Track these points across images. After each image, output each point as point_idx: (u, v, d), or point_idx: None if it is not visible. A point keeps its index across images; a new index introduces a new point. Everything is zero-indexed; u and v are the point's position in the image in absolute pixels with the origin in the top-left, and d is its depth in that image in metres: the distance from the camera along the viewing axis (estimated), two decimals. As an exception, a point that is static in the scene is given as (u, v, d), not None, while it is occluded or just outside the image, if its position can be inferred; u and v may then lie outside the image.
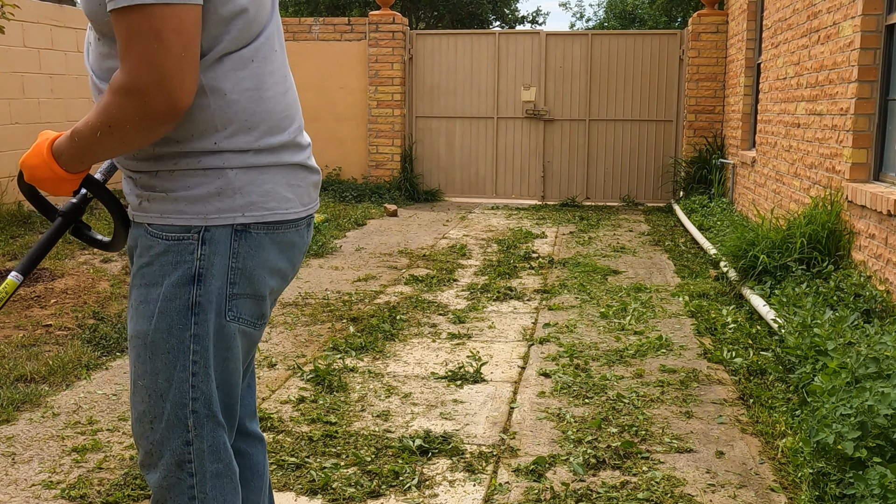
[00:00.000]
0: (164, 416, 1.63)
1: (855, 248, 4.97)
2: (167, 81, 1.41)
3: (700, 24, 10.44)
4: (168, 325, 1.60)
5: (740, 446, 3.22)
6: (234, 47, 1.56)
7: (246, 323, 1.67)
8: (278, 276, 1.71)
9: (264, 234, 1.63)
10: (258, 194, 1.61)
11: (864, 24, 4.95)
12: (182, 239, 1.58)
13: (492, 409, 3.62)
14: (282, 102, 1.64)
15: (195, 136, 1.56)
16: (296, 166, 1.69)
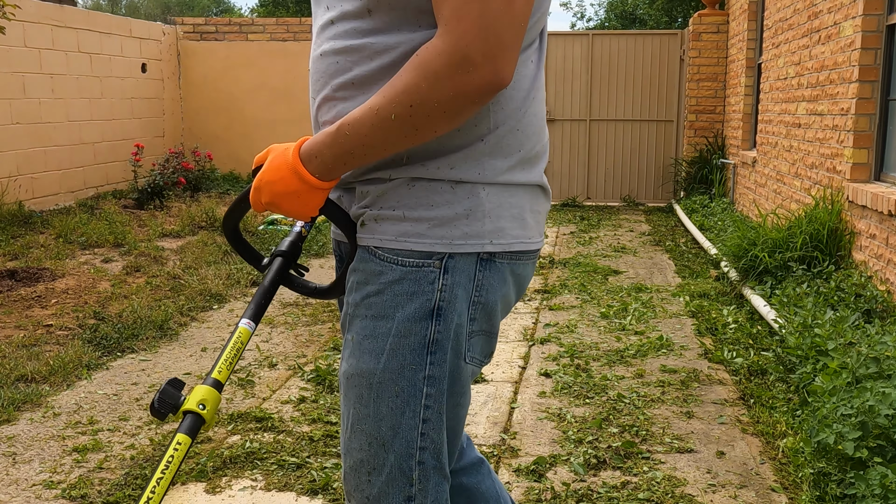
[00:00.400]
0: (385, 467, 1.40)
1: (856, 248, 4.97)
2: (499, 50, 1.18)
3: (701, 24, 10.43)
4: (400, 364, 1.36)
5: (741, 446, 3.22)
6: (526, 41, 1.33)
7: (477, 362, 1.45)
8: (507, 311, 1.48)
9: (507, 264, 1.39)
10: (507, 219, 1.36)
11: (864, 24, 4.95)
12: (421, 266, 1.34)
13: (492, 408, 3.62)
14: (540, 113, 1.40)
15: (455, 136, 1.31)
16: (536, 188, 1.42)
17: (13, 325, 4.71)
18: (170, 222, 8.18)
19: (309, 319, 5.04)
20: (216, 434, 3.30)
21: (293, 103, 11.25)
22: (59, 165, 9.06)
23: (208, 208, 8.25)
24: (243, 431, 3.32)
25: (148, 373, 4.05)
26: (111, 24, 9.95)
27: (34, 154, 8.68)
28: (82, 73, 9.38)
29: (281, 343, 4.57)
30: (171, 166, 9.40)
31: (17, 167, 8.42)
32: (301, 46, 11.13)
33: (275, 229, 7.96)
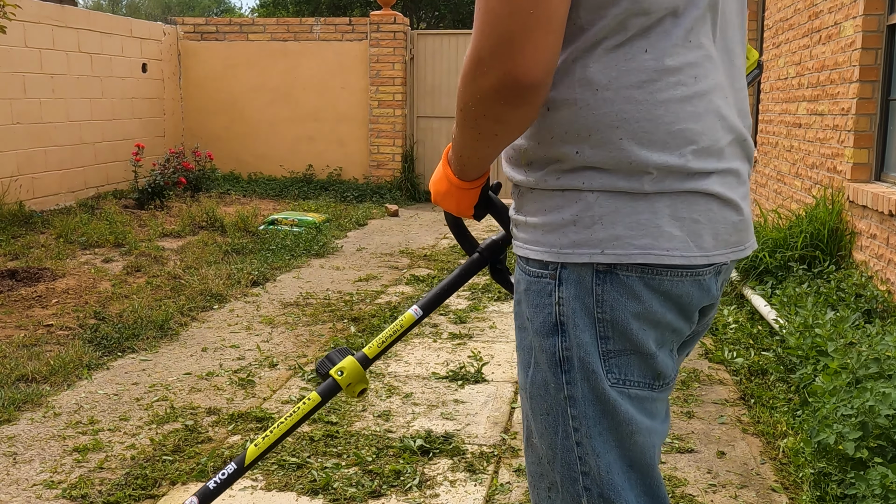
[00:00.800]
0: (558, 486, 1.32)
1: (856, 248, 4.97)
2: (504, 45, 1.11)
3: (701, 24, 10.42)
4: (543, 380, 1.30)
5: (741, 446, 3.22)
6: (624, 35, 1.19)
7: (637, 386, 1.29)
8: (666, 329, 1.29)
9: (637, 277, 1.23)
10: (625, 226, 1.22)
11: (865, 24, 4.95)
12: (541, 276, 1.28)
13: (493, 409, 3.62)
14: (676, 110, 1.21)
15: (556, 140, 1.24)
16: (693, 194, 1.24)
17: (14, 325, 4.72)
18: (170, 222, 8.18)
19: (309, 319, 5.04)
20: (216, 434, 3.31)
21: (293, 103, 11.25)
22: (59, 165, 9.06)
23: (209, 208, 8.25)
24: (244, 431, 3.33)
25: (148, 373, 4.05)
26: (112, 24, 9.96)
27: (35, 154, 8.68)
28: (83, 73, 9.39)
29: (281, 343, 4.57)
30: (171, 166, 9.40)
31: (17, 167, 8.42)
32: (301, 46, 11.13)
33: (275, 229, 7.97)
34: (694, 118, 1.22)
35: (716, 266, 1.28)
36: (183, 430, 3.33)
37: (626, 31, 1.18)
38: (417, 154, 11.31)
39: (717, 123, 1.25)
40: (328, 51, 11.14)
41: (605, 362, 1.26)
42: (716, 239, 1.26)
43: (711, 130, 1.24)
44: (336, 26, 11.17)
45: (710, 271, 1.28)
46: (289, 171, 11.37)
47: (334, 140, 11.29)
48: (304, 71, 11.15)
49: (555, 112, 1.22)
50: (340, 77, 11.17)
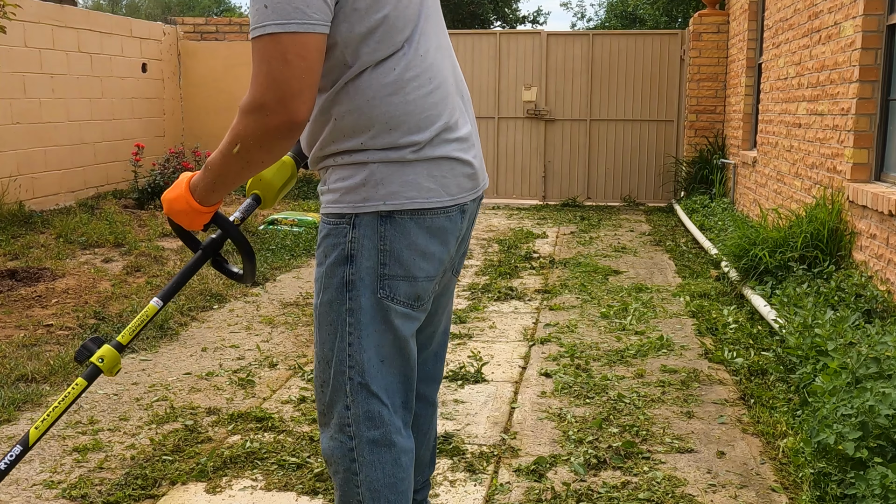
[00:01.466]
0: (330, 381, 1.84)
1: (856, 248, 4.97)
2: (288, 98, 1.58)
3: (701, 24, 10.43)
4: (329, 299, 1.82)
5: (741, 446, 3.22)
6: (377, 58, 1.73)
7: (401, 304, 1.81)
8: (432, 259, 1.83)
9: (409, 219, 1.78)
10: (398, 185, 1.76)
11: (865, 23, 4.95)
12: (339, 224, 1.80)
13: (493, 408, 3.62)
14: (423, 104, 1.78)
15: (346, 138, 1.76)
16: (439, 159, 1.81)
17: (13, 325, 4.72)
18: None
19: (309, 319, 5.04)
20: (216, 434, 3.31)
21: (293, 103, 11.24)
22: (59, 165, 9.06)
23: (208, 208, 8.24)
24: (244, 431, 3.32)
25: (148, 373, 4.05)
26: (111, 24, 9.95)
27: (34, 154, 8.68)
28: (83, 72, 9.38)
29: (281, 343, 4.57)
30: (171, 166, 9.39)
31: (17, 167, 8.42)
32: (301, 46, 11.13)
33: (275, 229, 7.96)
34: (434, 107, 1.80)
35: (460, 205, 1.86)
36: (183, 430, 3.33)
37: (377, 60, 1.73)
38: (417, 154, 11.31)
39: (450, 105, 1.85)
40: (328, 51, 11.13)
41: (381, 282, 1.79)
42: (458, 188, 1.85)
43: (447, 112, 1.83)
44: (336, 26, 11.16)
45: (456, 209, 1.86)
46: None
47: (334, 140, 11.27)
48: (303, 71, 11.14)
49: (341, 120, 1.75)
50: (340, 77, 11.16)
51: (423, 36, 1.81)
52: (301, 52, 1.58)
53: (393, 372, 1.86)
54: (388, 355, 1.84)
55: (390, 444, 1.85)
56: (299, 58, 1.58)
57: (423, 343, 2.08)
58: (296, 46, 1.58)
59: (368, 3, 1.68)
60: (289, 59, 1.57)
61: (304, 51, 1.59)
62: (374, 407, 1.83)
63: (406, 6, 1.76)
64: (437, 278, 1.88)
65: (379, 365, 1.83)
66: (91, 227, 7.48)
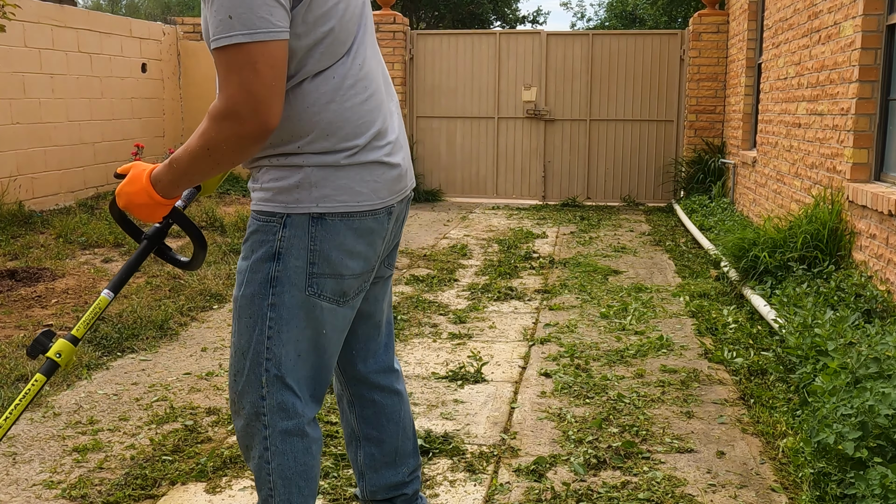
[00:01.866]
0: (244, 371, 1.93)
1: (856, 248, 4.97)
2: (261, 105, 1.66)
3: (701, 24, 10.43)
4: (252, 293, 1.90)
5: (741, 446, 3.22)
6: (319, 68, 1.80)
7: (327, 299, 1.91)
8: (359, 258, 1.92)
9: (339, 221, 1.87)
10: (332, 188, 1.85)
11: (864, 23, 4.95)
12: (269, 222, 1.87)
13: (492, 409, 3.62)
14: (359, 111, 1.87)
15: (283, 142, 1.83)
16: (371, 164, 1.90)
17: (13, 325, 4.72)
18: (170, 222, 8.17)
19: (309, 319, 5.04)
20: (216, 434, 3.31)
21: (293, 103, 11.24)
22: (59, 165, 9.06)
23: (208, 208, 8.25)
24: (243, 431, 3.32)
25: (148, 373, 4.05)
26: (111, 24, 9.95)
27: (34, 154, 8.68)
28: (82, 72, 9.38)
29: (281, 343, 4.57)
30: (171, 166, 9.37)
31: (17, 167, 8.42)
32: (301, 46, 11.13)
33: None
34: (369, 113, 1.89)
35: (387, 207, 1.95)
36: (183, 430, 3.33)
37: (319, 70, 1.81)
38: (417, 154, 11.31)
39: (383, 111, 1.94)
40: (328, 51, 11.13)
41: (308, 280, 1.88)
42: (388, 191, 1.94)
43: (381, 118, 1.93)
44: (336, 26, 11.16)
45: (384, 211, 1.94)
46: (288, 171, 11.36)
47: (334, 140, 11.27)
48: (303, 71, 11.13)
49: (280, 125, 1.80)
50: (340, 77, 11.15)
51: (361, 46, 1.89)
52: (269, 61, 1.66)
53: (307, 366, 1.95)
54: (305, 350, 1.93)
55: (302, 433, 1.96)
56: (268, 66, 1.65)
57: (371, 334, 2.20)
58: (264, 55, 1.65)
59: (317, 16, 1.75)
60: (259, 68, 1.64)
61: (271, 59, 1.66)
62: (287, 398, 1.93)
63: (349, 19, 1.83)
64: (365, 275, 1.98)
65: (295, 359, 1.92)
66: (91, 227, 7.48)
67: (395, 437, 2.25)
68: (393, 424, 2.25)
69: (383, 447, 2.26)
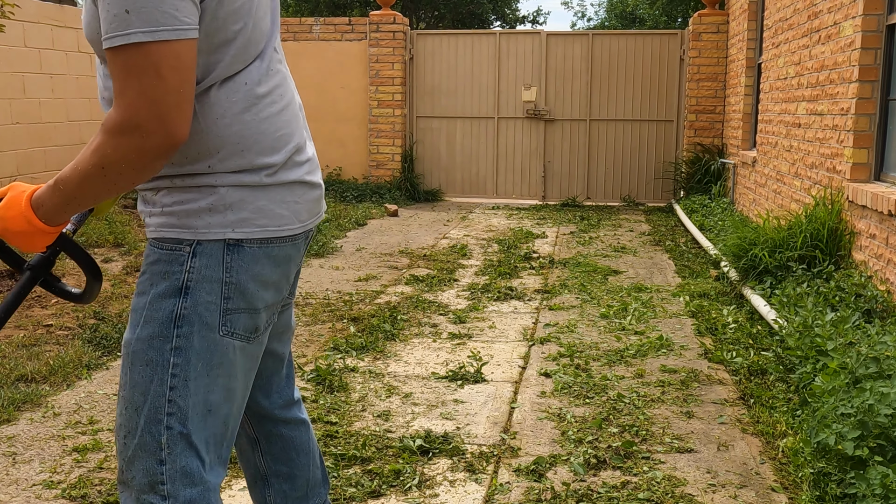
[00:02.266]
0: (137, 430, 1.59)
1: (856, 248, 4.97)
2: (167, 116, 1.42)
3: (701, 24, 10.44)
4: (150, 335, 1.58)
5: (741, 446, 3.22)
6: (229, 73, 1.56)
7: (240, 337, 1.64)
8: (273, 288, 1.69)
9: (258, 248, 1.63)
10: (250, 211, 1.61)
11: (864, 23, 4.95)
12: (174, 250, 1.59)
13: (492, 409, 3.62)
14: (276, 123, 1.64)
15: (189, 160, 1.57)
16: (293, 184, 1.68)
17: (13, 325, 4.72)
18: (170, 222, 8.18)
19: (309, 319, 5.04)
20: (216, 434, 3.31)
21: (293, 103, 11.25)
22: (59, 165, 9.06)
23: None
24: (243, 431, 3.32)
25: (148, 373, 4.05)
26: (111, 24, 9.95)
27: (34, 154, 8.68)
28: (82, 73, 9.38)
29: (281, 343, 4.57)
30: (171, 166, 9.39)
31: (16, 167, 8.42)
32: (300, 46, 11.13)
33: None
34: (287, 125, 1.66)
35: (307, 232, 1.74)
36: (182, 430, 3.33)
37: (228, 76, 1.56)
38: (417, 154, 11.32)
39: (299, 123, 1.72)
40: (328, 51, 11.15)
41: (222, 317, 1.60)
42: (308, 213, 1.72)
43: (298, 130, 1.71)
44: (335, 26, 11.18)
45: (302, 236, 1.73)
46: (288, 171, 11.37)
47: (334, 140, 11.29)
48: (303, 71, 11.14)
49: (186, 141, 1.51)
50: (340, 77, 11.17)
51: (275, 48, 1.68)
52: (175, 64, 1.41)
53: (218, 422, 1.65)
54: (216, 402, 1.63)
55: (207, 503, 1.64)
56: (174, 70, 1.41)
57: (275, 368, 1.95)
58: (169, 57, 1.41)
59: (228, 13, 1.53)
60: (163, 72, 1.40)
61: (178, 62, 1.42)
62: (192, 462, 1.61)
63: (262, 17, 1.62)
64: (276, 305, 1.74)
65: (205, 413, 1.62)
66: (90, 227, 7.48)
67: (306, 469, 2.04)
68: (304, 456, 2.03)
69: (295, 482, 2.03)
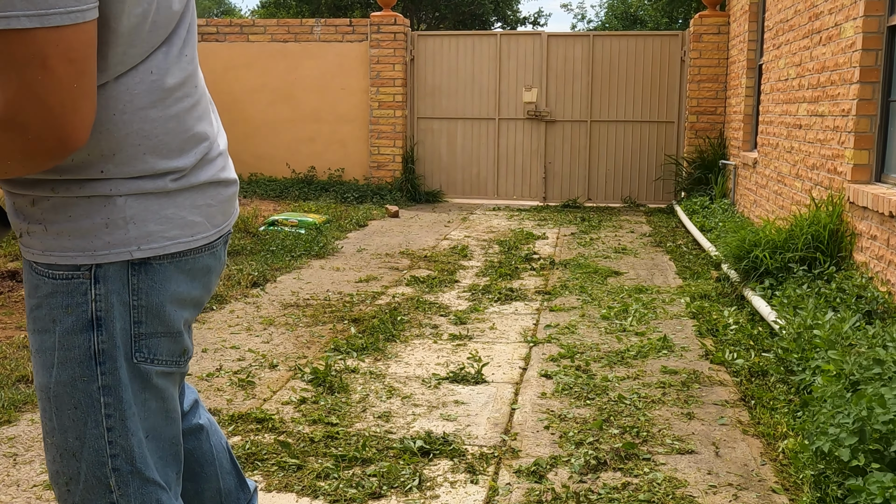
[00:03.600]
0: (80, 477, 1.44)
1: (857, 249, 4.97)
2: (57, 117, 1.19)
3: (701, 25, 10.44)
4: (71, 378, 1.40)
5: (742, 447, 3.22)
6: (131, 62, 1.32)
7: (164, 364, 1.46)
8: (192, 305, 1.50)
9: (169, 264, 1.42)
10: (156, 222, 1.38)
11: (865, 25, 4.95)
12: (71, 278, 1.37)
13: (493, 410, 3.62)
14: (186, 120, 1.41)
15: (77, 163, 1.32)
16: (204, 185, 1.46)
17: (14, 326, 4.72)
18: (171, 223, 8.18)
19: (310, 320, 5.05)
20: (217, 435, 3.31)
21: (294, 103, 11.26)
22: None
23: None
24: (244, 432, 3.32)
25: (148, 374, 4.05)
26: (112, 25, 9.96)
27: (35, 155, 8.68)
28: (83, 73, 9.39)
29: (281, 344, 4.57)
30: (171, 167, 9.39)
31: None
32: (302, 47, 11.14)
33: (275, 230, 7.97)
34: (199, 122, 1.44)
35: (224, 236, 1.53)
36: (183, 431, 3.33)
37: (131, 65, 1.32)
38: (418, 155, 11.32)
39: (212, 118, 1.51)
40: (329, 52, 11.15)
41: (136, 344, 1.41)
42: (223, 214, 1.51)
43: (211, 127, 1.49)
44: (336, 27, 11.18)
45: (221, 242, 1.52)
46: (289, 172, 11.38)
47: (335, 141, 11.29)
48: (304, 72, 11.15)
49: None
50: (341, 78, 11.18)
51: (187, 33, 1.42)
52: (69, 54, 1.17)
53: (161, 445, 1.51)
54: (154, 427, 1.48)
55: None
56: (67, 61, 1.17)
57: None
58: (60, 46, 1.16)
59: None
60: (51, 64, 1.16)
61: (72, 51, 1.17)
62: (151, 496, 1.48)
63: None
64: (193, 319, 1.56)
65: (145, 443, 1.47)
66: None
67: (214, 480, 1.85)
68: (209, 467, 1.85)
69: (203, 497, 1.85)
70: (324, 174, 11.32)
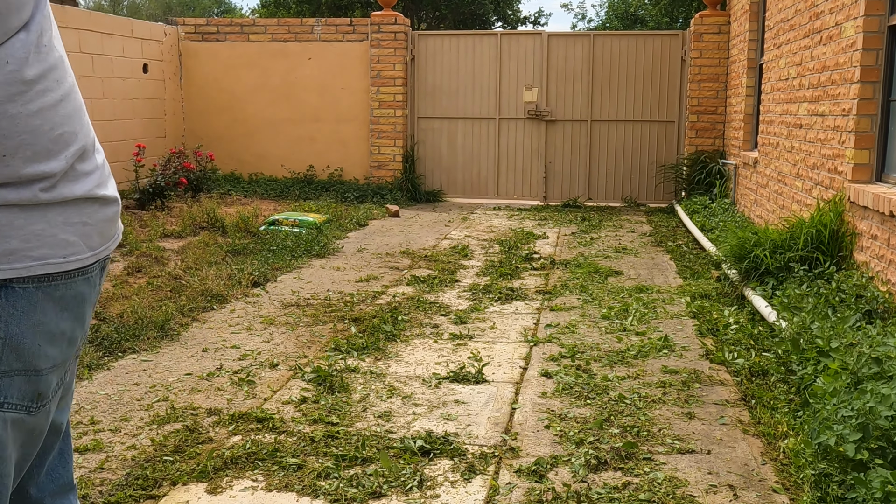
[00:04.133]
0: None
1: (857, 249, 4.97)
2: None
3: (702, 25, 10.43)
4: None
5: (742, 447, 3.22)
6: None
7: (14, 408, 1.23)
8: (62, 341, 1.29)
9: (35, 289, 1.22)
10: (21, 239, 1.19)
11: (866, 24, 4.95)
12: None
13: (493, 409, 3.62)
14: (52, 118, 1.22)
15: None
16: (80, 201, 1.28)
17: (14, 326, 4.71)
18: (171, 223, 8.19)
19: (310, 320, 5.05)
20: (217, 434, 3.31)
21: (294, 103, 11.26)
22: (60, 166, 9.06)
23: (209, 209, 8.25)
24: (244, 432, 3.33)
25: (149, 373, 4.05)
26: (113, 25, 9.96)
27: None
28: (84, 73, 9.39)
29: (282, 343, 4.57)
30: (172, 166, 9.40)
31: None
32: (302, 47, 11.13)
33: (276, 229, 7.97)
34: (68, 121, 1.23)
35: (101, 261, 1.34)
36: (183, 431, 3.33)
37: None
38: (418, 155, 11.31)
39: (85, 119, 1.30)
40: (329, 51, 11.15)
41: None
42: (101, 236, 1.32)
43: (84, 127, 1.28)
44: (337, 27, 11.18)
45: (97, 267, 1.34)
46: (290, 172, 11.37)
47: (335, 140, 11.29)
48: (304, 71, 11.15)
49: None
50: (341, 78, 11.18)
51: (45, 18, 1.24)
52: None
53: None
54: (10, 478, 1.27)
55: None
56: None
57: (49, 444, 1.45)
58: None
59: None
60: None
61: None
62: None
63: None
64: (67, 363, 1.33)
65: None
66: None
67: None
68: None
69: None
70: (324, 174, 11.32)
